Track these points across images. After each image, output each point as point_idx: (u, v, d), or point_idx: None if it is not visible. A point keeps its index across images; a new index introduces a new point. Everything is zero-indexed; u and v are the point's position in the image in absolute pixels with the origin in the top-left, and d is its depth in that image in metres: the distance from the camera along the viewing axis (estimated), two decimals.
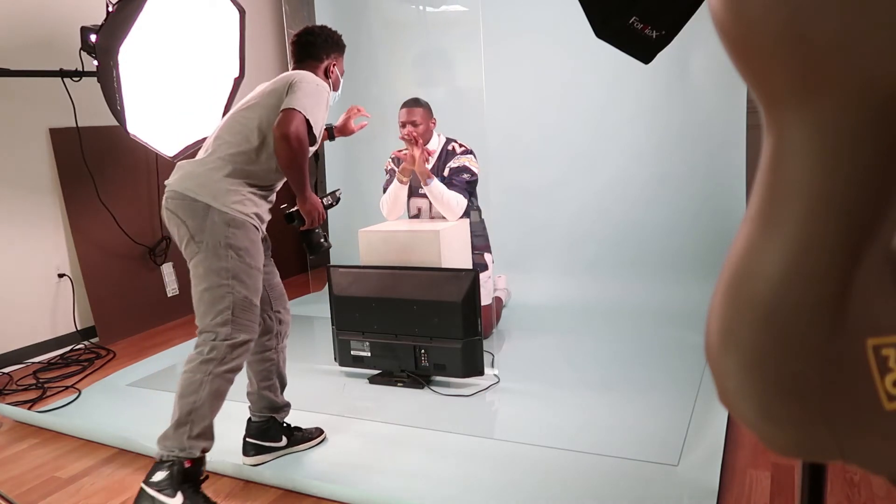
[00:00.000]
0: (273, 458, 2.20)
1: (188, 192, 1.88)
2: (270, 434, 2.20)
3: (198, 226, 1.86)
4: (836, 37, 0.40)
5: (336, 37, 2.24)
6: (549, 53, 3.87)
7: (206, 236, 1.85)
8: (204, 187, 1.88)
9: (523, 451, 2.17)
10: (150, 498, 1.79)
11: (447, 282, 2.69)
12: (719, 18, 0.45)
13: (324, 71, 2.20)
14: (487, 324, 3.20)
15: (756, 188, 0.48)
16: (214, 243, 1.86)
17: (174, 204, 1.90)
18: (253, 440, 2.19)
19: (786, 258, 0.46)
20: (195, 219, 1.86)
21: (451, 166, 3.16)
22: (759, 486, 1.91)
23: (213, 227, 1.86)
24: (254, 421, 2.21)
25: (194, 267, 1.89)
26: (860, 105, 0.41)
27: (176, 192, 1.91)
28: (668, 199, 3.72)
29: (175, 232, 1.93)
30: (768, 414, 0.49)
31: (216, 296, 1.87)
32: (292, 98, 1.90)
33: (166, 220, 1.96)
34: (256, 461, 2.17)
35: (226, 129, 2.00)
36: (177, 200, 1.90)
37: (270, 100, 1.98)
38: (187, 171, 1.94)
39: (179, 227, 1.90)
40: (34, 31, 3.38)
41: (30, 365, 3.32)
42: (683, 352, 2.91)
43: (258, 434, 2.19)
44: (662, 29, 1.87)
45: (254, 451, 2.18)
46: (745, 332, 0.49)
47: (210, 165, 1.92)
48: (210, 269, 1.86)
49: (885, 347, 0.46)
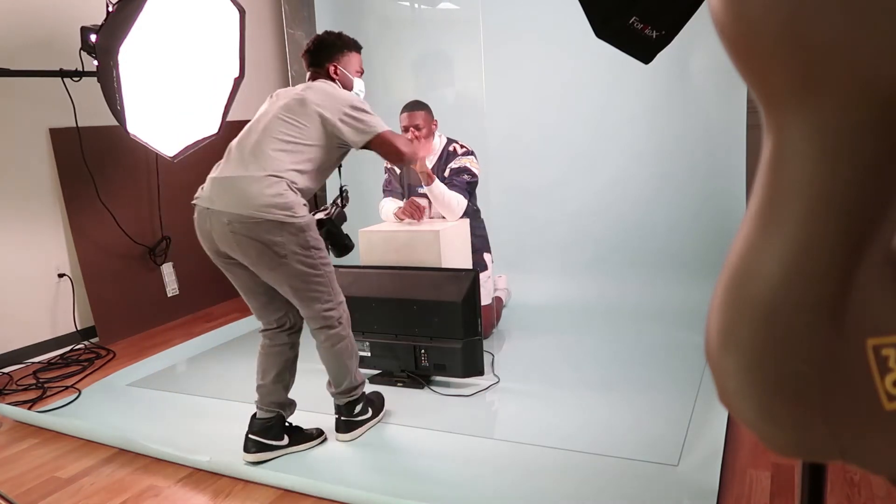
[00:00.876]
0: (274, 458, 2.20)
1: (257, 212, 1.98)
2: (273, 432, 2.21)
3: (277, 241, 2.00)
4: (837, 37, 0.40)
5: (338, 40, 2.34)
6: (550, 54, 3.87)
7: (289, 247, 2.01)
8: (271, 205, 1.99)
9: (523, 451, 2.17)
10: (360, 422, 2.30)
11: (447, 282, 2.68)
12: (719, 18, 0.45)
13: (329, 72, 2.31)
14: (487, 324, 3.20)
15: (756, 188, 0.48)
16: (298, 249, 2.03)
17: (242, 227, 1.99)
18: (255, 437, 2.19)
19: (786, 258, 0.46)
20: (272, 235, 1.99)
21: (452, 167, 3.16)
22: (759, 486, 1.91)
23: (291, 237, 2.01)
24: (259, 417, 2.22)
25: (283, 273, 2.05)
26: (860, 105, 0.41)
27: (241, 215, 2.00)
28: (668, 199, 3.72)
29: (245, 251, 2.03)
30: (768, 414, 0.49)
31: (317, 287, 2.11)
32: (364, 125, 2.14)
33: (230, 243, 2.04)
34: (257, 458, 2.17)
35: (270, 143, 2.08)
36: (245, 223, 1.99)
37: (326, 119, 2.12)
38: (242, 189, 2.02)
39: (253, 247, 2.01)
40: (34, 31, 3.38)
41: (30, 365, 3.32)
42: (683, 352, 2.91)
43: (261, 431, 2.20)
44: (662, 29, 1.88)
45: (255, 448, 2.18)
46: (745, 332, 0.49)
47: (266, 182, 2.02)
48: (304, 271, 2.07)
49: (885, 347, 0.46)
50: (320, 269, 2.11)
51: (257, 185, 2.01)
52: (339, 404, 2.30)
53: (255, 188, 2.01)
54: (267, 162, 2.05)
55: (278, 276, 2.07)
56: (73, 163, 3.50)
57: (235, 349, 3.44)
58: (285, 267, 2.04)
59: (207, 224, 2.09)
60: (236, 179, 2.05)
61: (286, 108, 2.14)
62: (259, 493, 2.02)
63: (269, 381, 2.22)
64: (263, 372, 2.23)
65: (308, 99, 2.14)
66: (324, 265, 2.12)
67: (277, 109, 2.15)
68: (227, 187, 2.05)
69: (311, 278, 2.09)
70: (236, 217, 2.00)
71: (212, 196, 2.08)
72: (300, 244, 2.04)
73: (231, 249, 2.06)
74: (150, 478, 2.16)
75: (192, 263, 4.18)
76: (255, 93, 4.54)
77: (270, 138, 2.09)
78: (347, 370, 2.26)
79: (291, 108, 2.14)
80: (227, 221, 2.01)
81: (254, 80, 4.26)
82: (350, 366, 2.27)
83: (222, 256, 2.14)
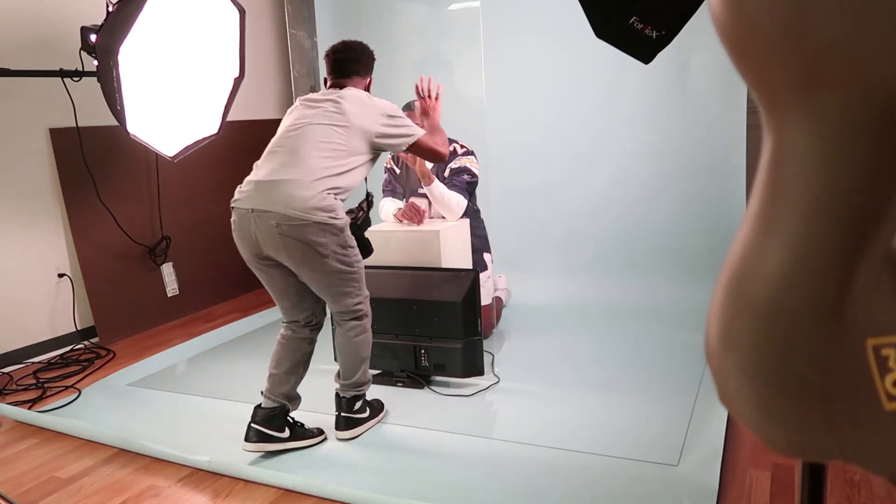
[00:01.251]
0: (273, 449, 2.20)
1: (305, 214, 2.07)
2: (276, 423, 2.21)
3: (321, 241, 2.10)
4: (837, 37, 0.40)
5: (373, 54, 2.46)
6: (549, 54, 3.86)
7: (331, 247, 2.12)
8: (316, 208, 2.08)
9: (523, 451, 2.17)
10: (359, 421, 2.32)
11: (447, 282, 2.68)
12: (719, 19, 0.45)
13: (366, 87, 2.41)
14: (487, 324, 3.20)
15: (756, 188, 0.48)
16: (338, 248, 2.14)
17: (290, 229, 2.07)
18: (258, 426, 2.19)
19: (786, 258, 0.46)
20: (317, 236, 2.09)
21: (452, 167, 3.16)
22: (759, 486, 1.91)
23: (333, 237, 2.12)
24: (263, 407, 2.23)
25: (323, 272, 2.15)
26: (861, 105, 0.41)
27: (288, 216, 2.07)
28: (668, 199, 3.72)
29: (290, 252, 2.11)
30: (768, 414, 0.49)
31: (352, 279, 2.22)
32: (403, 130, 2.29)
33: (277, 245, 2.11)
34: (257, 448, 2.18)
35: (312, 149, 2.16)
36: (293, 225, 2.07)
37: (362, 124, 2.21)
38: (289, 192, 2.09)
39: (298, 248, 2.10)
40: (34, 31, 3.38)
41: (30, 365, 3.32)
42: (683, 352, 2.91)
43: (264, 421, 2.20)
44: (662, 29, 1.88)
45: (257, 437, 2.18)
46: (745, 332, 0.49)
47: (311, 186, 2.10)
48: (342, 269, 2.17)
49: (885, 347, 0.46)
50: (354, 266, 2.22)
51: (303, 189, 2.09)
52: (344, 397, 2.32)
53: (301, 192, 2.08)
54: (310, 167, 2.12)
55: (318, 274, 2.16)
56: (73, 163, 3.50)
57: (235, 349, 3.44)
58: (326, 266, 2.13)
59: (252, 226, 2.13)
60: (282, 183, 2.11)
61: (326, 116, 2.21)
62: (259, 493, 2.02)
63: (282, 371, 2.26)
64: (279, 361, 2.28)
65: (347, 108, 2.21)
66: (357, 262, 2.24)
67: (316, 116, 2.22)
68: (273, 190, 2.11)
69: (346, 275, 2.19)
70: (284, 219, 2.07)
71: (257, 198, 2.13)
72: (340, 244, 2.14)
73: (277, 251, 2.13)
74: (150, 478, 2.16)
75: (192, 263, 4.18)
76: (256, 93, 4.55)
77: (312, 145, 2.16)
78: (361, 363, 2.31)
79: (331, 115, 2.21)
80: (274, 224, 2.08)
81: (254, 80, 4.26)
82: (364, 359, 2.32)
83: (262, 259, 2.19)
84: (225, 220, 2.31)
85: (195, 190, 4.21)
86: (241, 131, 4.28)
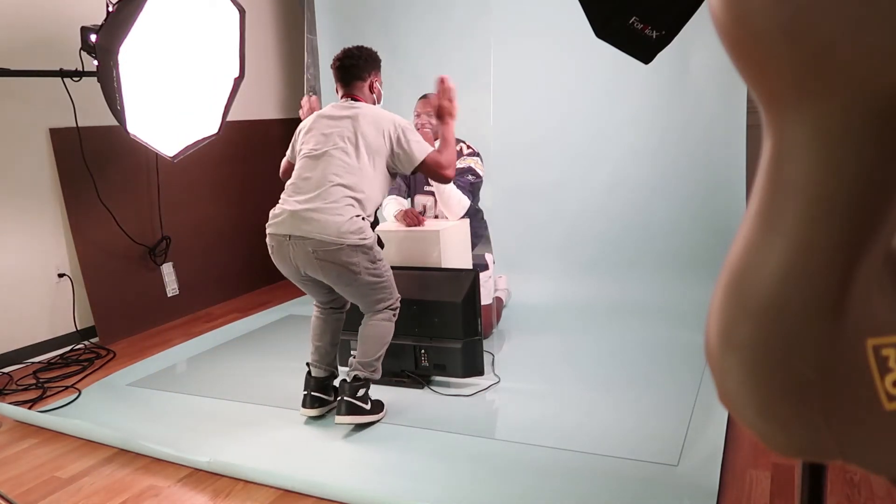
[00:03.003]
0: (327, 412, 2.48)
1: (337, 239, 2.24)
2: (329, 389, 2.51)
3: (353, 261, 2.28)
4: (837, 37, 0.40)
5: (374, 55, 2.55)
6: (549, 54, 3.86)
7: (362, 265, 2.30)
8: (348, 232, 2.25)
9: (523, 451, 2.17)
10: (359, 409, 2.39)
11: (447, 282, 2.69)
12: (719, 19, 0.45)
13: (368, 87, 2.51)
14: (487, 324, 3.20)
15: (756, 188, 0.48)
16: (369, 265, 2.32)
17: (326, 254, 2.25)
18: (317, 394, 2.47)
19: (786, 258, 0.46)
20: (349, 257, 2.26)
21: (458, 166, 3.17)
22: (759, 486, 1.91)
23: (363, 255, 2.30)
24: (318, 377, 2.49)
25: (356, 286, 2.34)
26: (861, 105, 0.41)
27: (323, 242, 2.24)
28: (668, 198, 3.72)
29: (327, 273, 2.30)
30: (768, 414, 0.49)
31: (382, 287, 2.40)
32: (415, 146, 2.40)
33: (315, 267, 2.30)
34: (320, 412, 2.47)
35: (335, 176, 2.31)
36: (329, 250, 2.25)
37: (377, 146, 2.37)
38: (322, 221, 2.25)
39: (333, 269, 2.29)
40: (34, 31, 3.38)
41: (30, 365, 3.32)
42: (683, 352, 2.91)
43: (321, 388, 2.48)
44: (662, 29, 1.88)
45: (318, 404, 2.47)
46: (745, 332, 0.49)
47: (340, 213, 2.27)
48: (373, 281, 2.36)
49: (885, 347, 0.46)
50: (384, 276, 2.40)
51: (334, 217, 2.26)
52: (354, 374, 2.43)
53: (332, 219, 2.25)
54: (337, 197, 2.29)
55: (352, 289, 2.37)
56: (73, 163, 3.49)
57: (235, 349, 3.44)
58: (359, 281, 2.32)
59: (290, 251, 2.32)
60: (314, 211, 2.28)
61: (344, 142, 2.35)
62: (259, 493, 2.02)
63: (326, 343, 2.52)
64: (321, 333, 2.53)
65: (363, 131, 2.36)
66: (386, 272, 2.42)
67: (336, 141, 2.36)
68: (307, 219, 2.27)
69: (377, 286, 2.39)
70: (320, 245, 2.25)
71: (292, 226, 2.29)
72: (370, 260, 2.32)
73: (314, 272, 2.33)
74: (150, 478, 2.16)
75: (192, 263, 4.18)
76: (256, 93, 4.55)
77: (337, 174, 2.32)
78: (380, 347, 2.45)
79: (348, 138, 2.36)
80: (311, 250, 2.26)
81: (254, 80, 4.26)
82: (385, 345, 2.46)
83: (301, 276, 2.40)
84: (225, 220, 2.32)
85: (195, 190, 4.21)
86: (241, 131, 4.28)
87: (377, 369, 2.45)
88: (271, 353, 3.32)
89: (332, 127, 2.40)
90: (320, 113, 2.49)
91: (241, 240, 4.36)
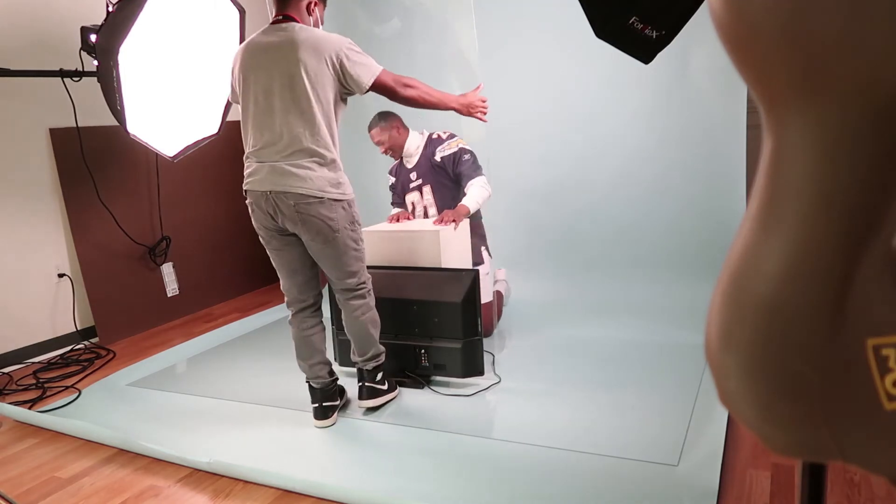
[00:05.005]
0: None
1: (318, 192, 2.20)
2: (335, 394, 2.51)
3: (332, 216, 2.23)
4: (837, 37, 0.40)
5: None
6: (549, 53, 3.86)
7: (341, 223, 2.26)
8: (327, 185, 2.21)
9: (523, 451, 2.17)
10: (381, 391, 2.51)
11: (447, 282, 2.68)
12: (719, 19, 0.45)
13: (306, 7, 2.29)
14: (488, 321, 3.20)
15: (756, 188, 0.48)
16: (347, 224, 2.29)
17: (307, 207, 2.20)
18: (327, 403, 2.45)
19: (786, 258, 0.46)
20: (329, 211, 2.22)
21: (444, 154, 3.21)
22: (759, 486, 1.91)
23: (343, 212, 2.26)
24: (322, 388, 2.45)
25: (332, 245, 2.27)
26: (861, 105, 0.41)
27: (304, 195, 2.19)
28: (668, 198, 3.72)
29: (308, 227, 2.23)
30: (768, 414, 0.49)
31: (357, 257, 2.36)
32: (360, 69, 2.23)
33: (296, 221, 2.23)
34: (334, 421, 2.46)
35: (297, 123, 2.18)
36: (311, 203, 2.20)
37: (323, 78, 2.19)
38: (300, 175, 2.18)
39: (314, 224, 2.22)
40: (34, 31, 3.38)
41: (30, 365, 3.32)
42: (683, 352, 2.91)
43: (328, 397, 2.46)
44: (662, 29, 1.87)
45: (331, 412, 2.46)
46: (745, 332, 0.49)
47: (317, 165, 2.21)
48: (350, 245, 2.31)
49: (885, 347, 0.46)
50: (360, 244, 2.36)
51: (311, 170, 2.20)
52: (366, 369, 2.49)
53: (311, 174, 2.19)
54: (305, 144, 2.19)
55: (329, 248, 2.29)
56: (73, 163, 3.50)
57: (235, 349, 3.44)
58: (337, 240, 2.27)
59: (271, 206, 2.23)
60: (293, 166, 2.20)
61: (291, 80, 2.16)
62: (259, 493, 2.02)
63: (315, 362, 2.45)
64: (309, 354, 2.45)
65: (304, 62, 2.15)
66: (362, 241, 2.38)
67: (281, 85, 2.18)
68: (286, 173, 2.20)
69: (353, 252, 2.34)
70: (301, 198, 2.19)
71: (271, 180, 2.21)
72: (349, 220, 2.29)
73: (295, 226, 2.25)
74: (150, 478, 2.16)
75: (192, 263, 4.18)
76: None
77: (296, 119, 2.18)
78: (373, 338, 2.47)
79: (295, 77, 2.16)
80: (293, 203, 2.20)
81: None
82: (374, 335, 2.48)
83: (281, 234, 2.30)
84: (225, 220, 2.32)
85: (195, 190, 4.21)
86: (241, 131, 4.28)
87: (380, 353, 2.51)
88: (271, 353, 3.32)
89: (270, 62, 2.19)
90: (250, 42, 2.26)
91: (241, 240, 4.36)
